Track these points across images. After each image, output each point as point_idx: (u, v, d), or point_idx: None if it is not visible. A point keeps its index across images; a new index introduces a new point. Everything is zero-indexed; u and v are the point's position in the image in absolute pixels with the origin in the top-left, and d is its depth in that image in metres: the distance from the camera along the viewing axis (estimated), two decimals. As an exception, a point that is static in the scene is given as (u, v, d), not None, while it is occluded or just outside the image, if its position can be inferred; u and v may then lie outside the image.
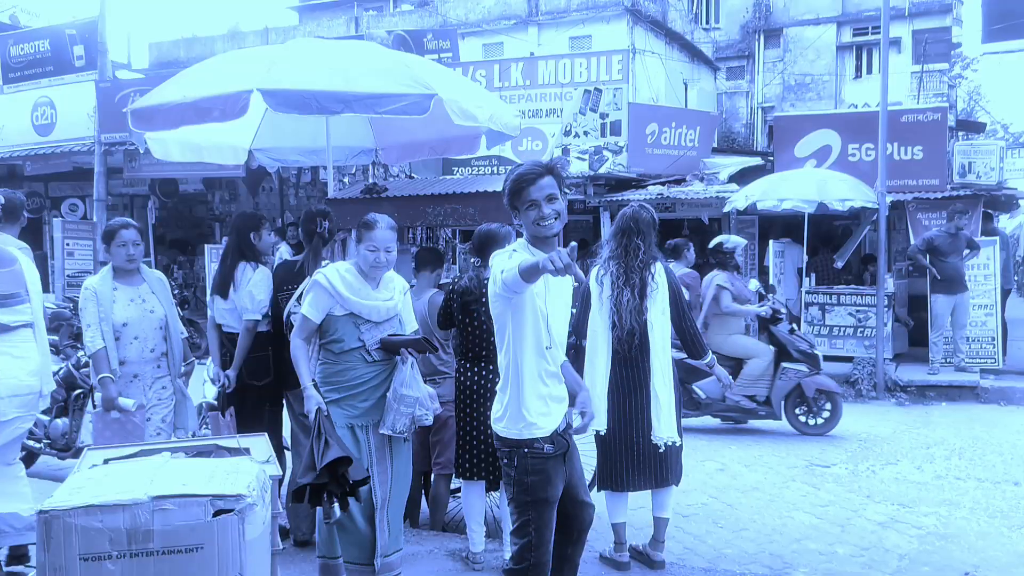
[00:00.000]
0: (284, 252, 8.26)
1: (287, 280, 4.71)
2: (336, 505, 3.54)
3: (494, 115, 5.39)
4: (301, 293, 4.54)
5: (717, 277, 7.71)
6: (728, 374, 4.85)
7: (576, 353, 4.55)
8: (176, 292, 14.30)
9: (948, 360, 10.16)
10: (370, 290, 3.83)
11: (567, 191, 3.18)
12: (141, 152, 6.45)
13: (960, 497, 5.96)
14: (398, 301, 3.93)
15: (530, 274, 2.82)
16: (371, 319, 3.80)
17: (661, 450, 4.30)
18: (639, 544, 4.53)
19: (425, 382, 3.99)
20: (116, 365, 4.45)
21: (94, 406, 4.68)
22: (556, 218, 3.02)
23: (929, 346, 10.20)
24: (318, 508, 3.64)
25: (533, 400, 3.08)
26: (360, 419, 3.82)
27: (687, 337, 4.52)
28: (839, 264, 11.43)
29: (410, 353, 3.82)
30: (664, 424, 4.30)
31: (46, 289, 10.49)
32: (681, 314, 4.45)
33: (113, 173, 14.55)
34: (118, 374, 4.47)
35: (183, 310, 13.05)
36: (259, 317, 4.81)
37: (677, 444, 4.39)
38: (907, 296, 11.93)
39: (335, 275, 3.80)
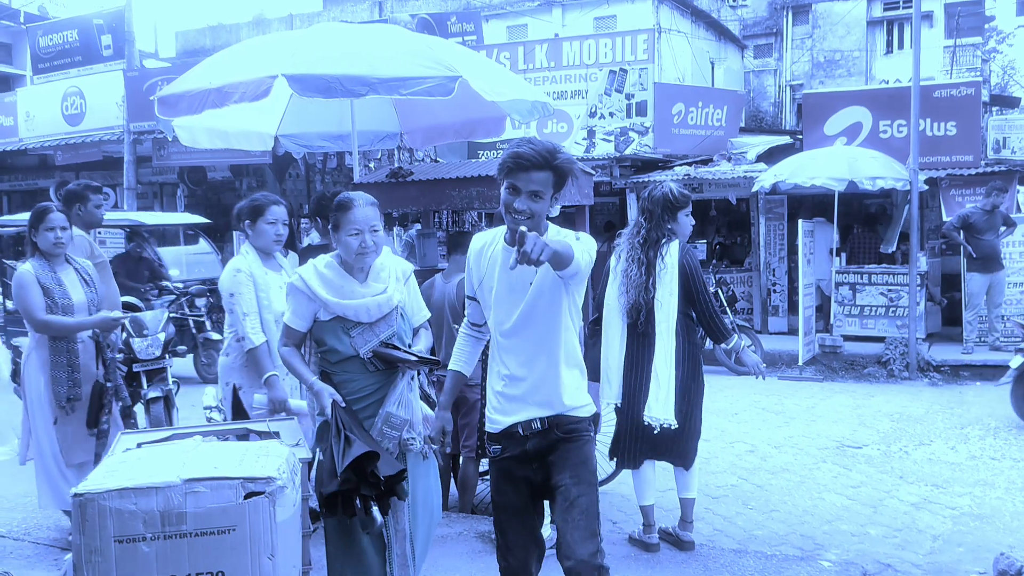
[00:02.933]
0: (316, 237, 8.30)
1: None
2: (376, 510, 3.17)
3: (521, 95, 5.36)
4: None
5: None
6: (760, 360, 4.51)
7: (594, 326, 4.55)
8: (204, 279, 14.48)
9: (982, 339, 10.01)
10: (356, 285, 3.25)
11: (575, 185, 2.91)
12: (169, 140, 6.50)
13: (995, 477, 5.87)
14: (394, 292, 3.30)
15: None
16: (360, 320, 3.23)
17: (655, 431, 4.23)
18: (669, 526, 4.52)
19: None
20: (279, 362, 3.70)
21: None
22: (528, 218, 2.67)
23: (963, 325, 10.05)
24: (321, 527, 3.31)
25: (490, 392, 2.93)
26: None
27: (704, 320, 4.32)
28: (887, 249, 11.27)
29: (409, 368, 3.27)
30: (660, 404, 4.19)
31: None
32: (694, 297, 4.26)
33: (142, 161, 14.73)
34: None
35: (210, 297, 13.18)
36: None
37: (673, 427, 4.20)
38: (940, 275, 11.75)
39: (311, 274, 3.25)
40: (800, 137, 12.61)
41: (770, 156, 12.33)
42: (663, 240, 4.28)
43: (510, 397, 2.84)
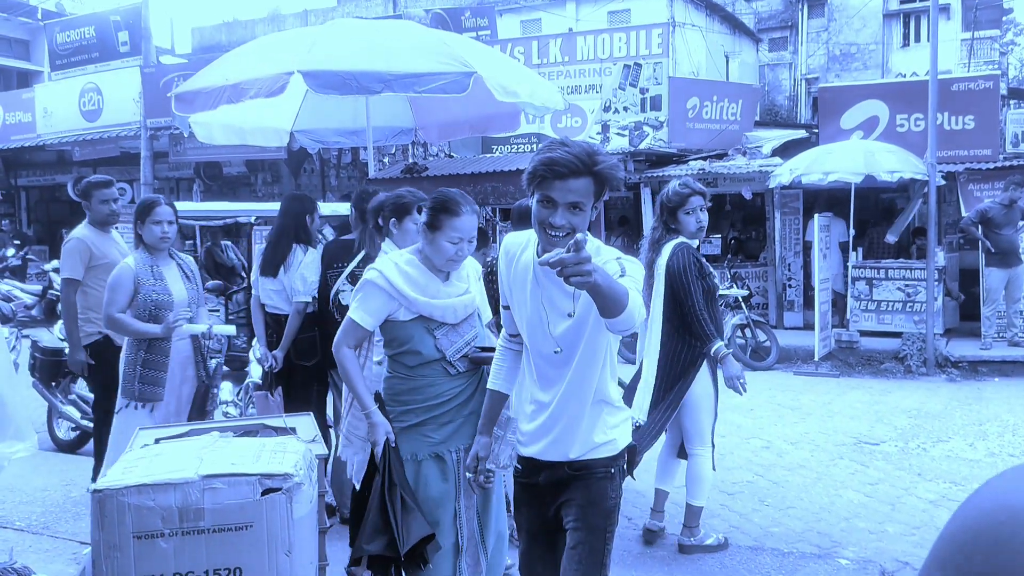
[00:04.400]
0: (328, 234, 8.34)
1: (338, 258, 4.72)
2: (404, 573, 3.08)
3: (534, 91, 5.35)
4: (352, 272, 4.56)
5: None
6: (742, 370, 4.26)
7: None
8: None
9: (1001, 335, 9.91)
10: (440, 285, 3.09)
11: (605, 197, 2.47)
12: (186, 136, 6.52)
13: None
14: (475, 292, 3.22)
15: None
16: (447, 321, 3.09)
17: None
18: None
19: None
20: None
21: None
22: (568, 234, 2.26)
23: (981, 320, 9.96)
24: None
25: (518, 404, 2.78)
26: (445, 445, 3.13)
27: (688, 321, 4.18)
28: (892, 239, 11.19)
29: None
30: (637, 405, 4.17)
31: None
32: (679, 298, 4.16)
33: (159, 157, 14.82)
34: None
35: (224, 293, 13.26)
36: (309, 299, 4.85)
37: (639, 424, 4.10)
38: (958, 270, 11.65)
39: (393, 271, 3.04)
40: (816, 131, 12.52)
41: (785, 150, 12.26)
42: (664, 240, 4.29)
43: (532, 422, 2.57)
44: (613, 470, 2.54)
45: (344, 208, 10.46)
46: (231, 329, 4.83)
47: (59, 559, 4.25)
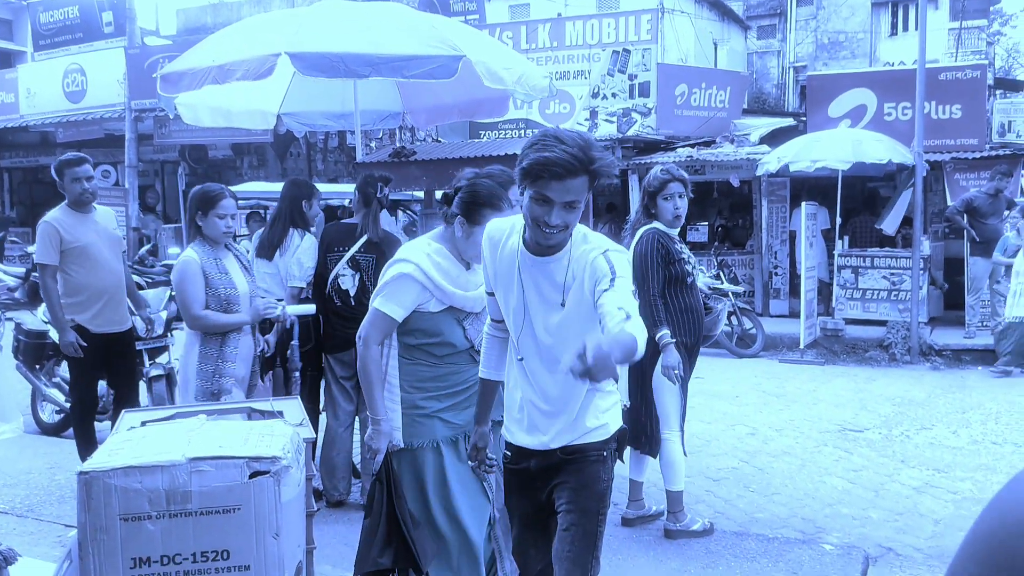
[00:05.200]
0: (320, 219, 8.28)
1: (338, 242, 4.68)
2: None
3: (523, 76, 5.32)
4: (352, 257, 4.54)
5: None
6: (679, 363, 4.14)
7: None
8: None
9: (984, 324, 10.00)
10: (468, 275, 3.04)
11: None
12: (171, 118, 6.46)
13: (997, 462, 5.88)
14: None
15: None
16: (474, 310, 3.06)
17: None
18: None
19: None
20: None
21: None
22: (563, 230, 2.30)
23: (965, 309, 10.04)
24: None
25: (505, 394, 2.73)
26: (463, 429, 3.11)
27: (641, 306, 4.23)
28: (890, 230, 11.25)
29: None
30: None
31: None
32: (638, 282, 4.12)
33: (143, 139, 14.69)
34: None
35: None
36: (303, 285, 4.84)
37: (626, 406, 4.17)
38: (943, 258, 11.73)
39: (429, 264, 2.95)
40: (804, 119, 12.55)
41: (773, 138, 12.28)
42: (639, 225, 4.32)
43: (521, 411, 2.55)
44: (605, 453, 2.54)
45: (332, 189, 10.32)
46: (310, 308, 4.54)
47: (44, 542, 4.23)
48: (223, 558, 2.41)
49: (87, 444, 4.91)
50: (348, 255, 4.44)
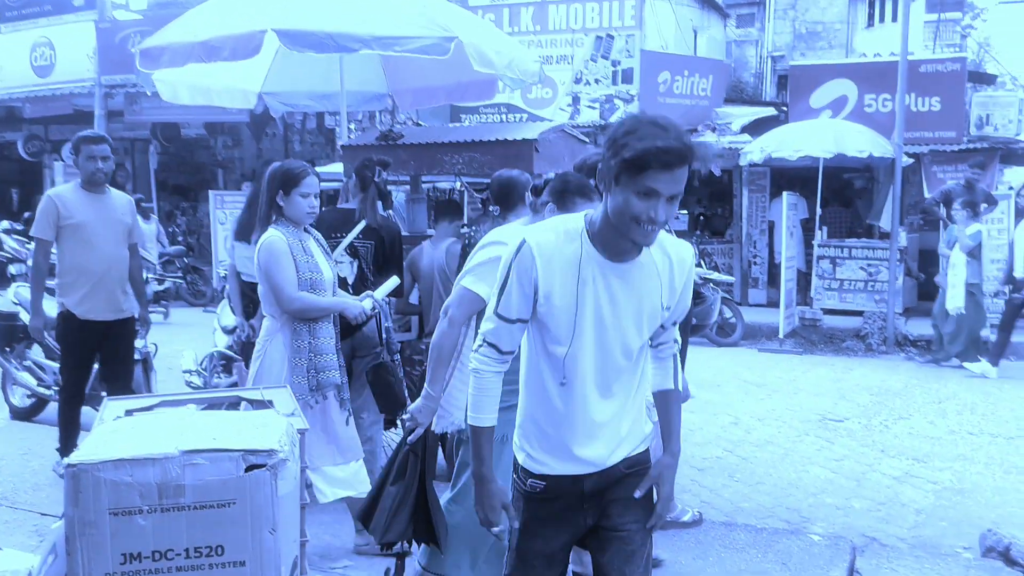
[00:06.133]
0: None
1: (336, 227, 4.55)
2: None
3: (513, 61, 5.25)
4: (351, 244, 4.41)
5: None
6: None
7: None
8: (180, 239, 14.24)
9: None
10: None
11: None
12: (149, 95, 6.29)
13: (974, 452, 5.95)
14: None
15: None
16: None
17: None
18: None
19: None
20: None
21: None
22: (662, 227, 2.09)
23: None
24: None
25: (527, 421, 2.37)
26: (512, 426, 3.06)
27: None
28: (886, 225, 11.29)
29: None
30: None
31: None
32: None
33: (114, 116, 14.35)
34: None
35: (187, 257, 12.98)
36: None
37: None
38: (918, 250, 11.85)
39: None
40: (784, 109, 12.57)
41: (755, 128, 12.28)
42: None
43: (553, 437, 2.22)
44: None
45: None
46: (393, 282, 4.15)
47: (19, 531, 4.12)
48: (217, 554, 2.32)
49: (68, 432, 4.79)
50: (346, 242, 4.33)
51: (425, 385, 2.98)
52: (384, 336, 4.04)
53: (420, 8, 4.89)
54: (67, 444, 4.68)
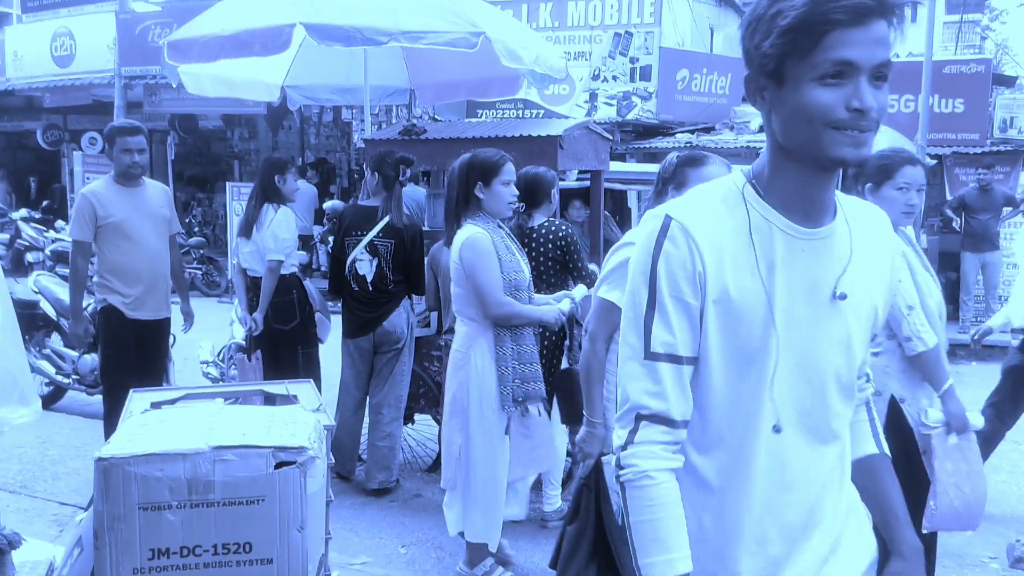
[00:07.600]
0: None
1: (357, 224, 4.56)
2: None
3: (540, 57, 5.22)
4: (371, 242, 4.41)
5: None
6: None
7: None
8: (196, 230, 14.28)
9: (979, 319, 10.01)
10: None
11: None
12: (174, 87, 6.28)
13: (998, 460, 5.87)
14: None
15: None
16: None
17: None
18: None
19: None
20: None
21: None
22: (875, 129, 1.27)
23: (959, 304, 10.05)
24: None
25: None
26: None
27: None
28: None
29: None
30: None
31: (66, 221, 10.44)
32: None
33: (133, 107, 14.38)
34: None
35: (203, 249, 13.01)
36: (282, 258, 4.74)
37: None
38: (938, 252, 11.74)
39: None
40: (804, 108, 12.46)
41: (773, 127, 12.19)
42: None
43: (761, 539, 1.39)
44: None
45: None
46: (582, 290, 3.99)
47: (39, 520, 4.13)
48: (245, 551, 2.31)
49: (112, 423, 4.77)
50: (366, 240, 4.32)
51: (584, 414, 2.79)
52: (567, 343, 3.89)
53: (448, 3, 4.87)
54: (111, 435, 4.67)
